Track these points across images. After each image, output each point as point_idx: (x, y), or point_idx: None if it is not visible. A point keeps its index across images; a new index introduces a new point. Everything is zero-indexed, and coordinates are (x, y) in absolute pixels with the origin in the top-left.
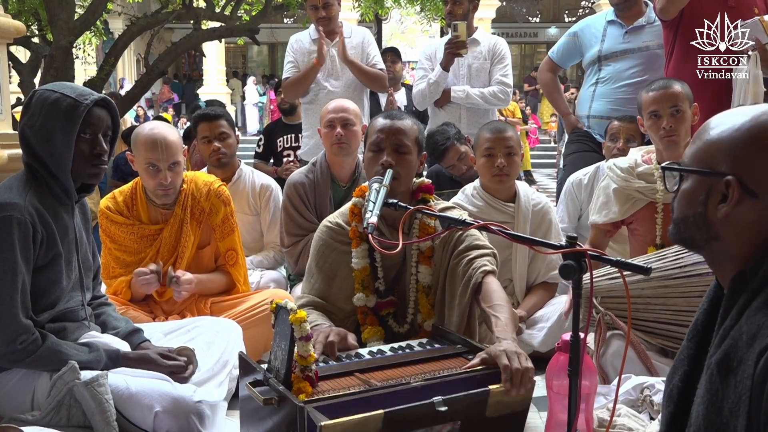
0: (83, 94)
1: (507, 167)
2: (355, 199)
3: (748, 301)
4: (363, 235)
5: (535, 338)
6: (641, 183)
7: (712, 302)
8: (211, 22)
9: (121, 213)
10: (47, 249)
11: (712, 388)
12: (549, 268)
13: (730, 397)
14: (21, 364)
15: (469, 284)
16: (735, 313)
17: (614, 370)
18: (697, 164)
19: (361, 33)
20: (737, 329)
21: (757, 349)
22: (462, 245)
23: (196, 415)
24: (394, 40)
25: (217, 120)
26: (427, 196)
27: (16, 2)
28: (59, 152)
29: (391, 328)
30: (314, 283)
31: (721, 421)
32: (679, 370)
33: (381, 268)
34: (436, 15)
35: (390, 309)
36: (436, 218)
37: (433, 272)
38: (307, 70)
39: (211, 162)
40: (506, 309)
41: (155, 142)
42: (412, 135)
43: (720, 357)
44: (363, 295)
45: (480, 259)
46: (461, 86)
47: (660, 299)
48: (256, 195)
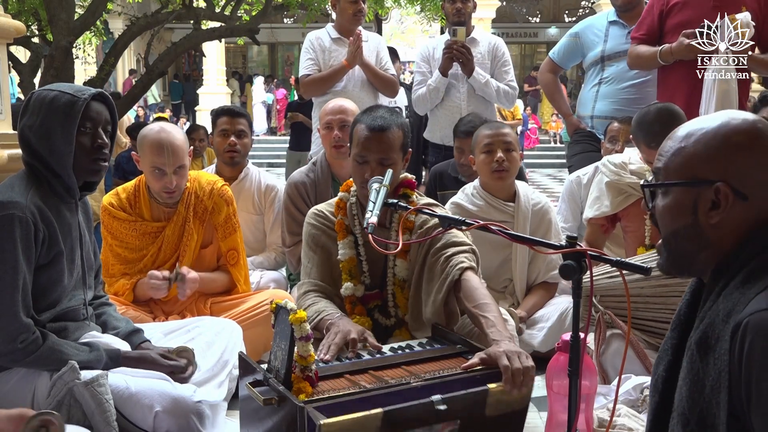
0: (80, 90)
1: (506, 162)
2: (342, 193)
3: (726, 283)
4: (348, 228)
5: (535, 338)
6: (633, 179)
7: (694, 293)
8: (211, 22)
9: (124, 209)
10: (49, 248)
11: (693, 368)
12: (549, 268)
13: (711, 375)
14: (21, 364)
15: (446, 281)
16: (714, 296)
17: (614, 370)
18: (678, 177)
19: (376, 38)
20: (714, 309)
21: (732, 324)
22: (439, 242)
23: (196, 415)
24: (394, 40)
25: (239, 117)
26: (408, 191)
27: (16, 2)
28: (60, 149)
29: (378, 321)
30: (312, 267)
31: (704, 400)
32: (663, 360)
33: (366, 261)
34: (436, 15)
35: (377, 302)
36: (417, 213)
37: (408, 266)
38: (336, 70)
39: (224, 158)
40: (492, 307)
41: (162, 146)
42: (396, 144)
43: (699, 336)
44: (351, 284)
45: (457, 256)
46: (486, 73)
47: (659, 298)
48: (261, 195)
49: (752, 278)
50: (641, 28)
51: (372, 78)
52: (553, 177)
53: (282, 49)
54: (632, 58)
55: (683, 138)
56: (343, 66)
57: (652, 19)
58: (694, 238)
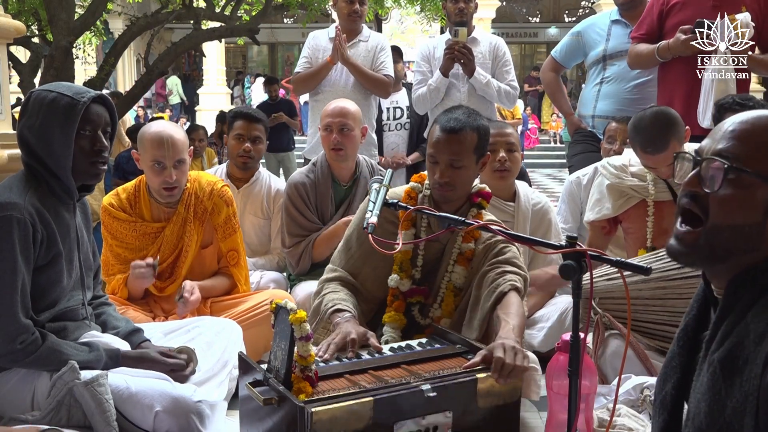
0: (80, 92)
1: (508, 162)
2: (414, 183)
3: (754, 299)
4: (413, 220)
5: (535, 338)
6: (634, 181)
7: (701, 307)
8: (211, 22)
9: (124, 210)
10: (47, 248)
11: (715, 387)
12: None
13: (735, 397)
14: (21, 364)
15: (495, 291)
16: (739, 311)
17: (613, 371)
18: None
19: (377, 39)
20: (743, 327)
21: (765, 349)
22: (502, 256)
23: (196, 415)
24: (394, 40)
25: (256, 123)
26: (483, 202)
27: (16, 2)
28: (59, 151)
29: (414, 318)
30: (350, 256)
31: (725, 421)
32: (671, 378)
33: (422, 257)
34: (436, 15)
35: (420, 298)
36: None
37: (468, 275)
38: (320, 66)
39: (237, 161)
40: (519, 319)
41: (162, 139)
42: (469, 147)
43: (724, 355)
44: (398, 277)
45: (513, 275)
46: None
47: (658, 300)
48: (270, 199)
49: None
50: (641, 28)
51: (359, 77)
52: (553, 177)
53: (282, 49)
54: (632, 57)
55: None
56: (326, 63)
57: (651, 19)
58: (751, 238)
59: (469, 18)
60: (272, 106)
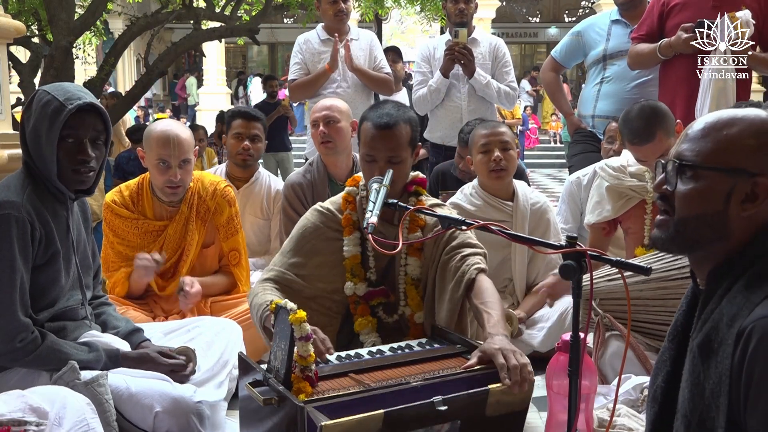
0: (71, 99)
1: (504, 161)
2: (349, 188)
3: (729, 286)
4: (356, 224)
5: (535, 338)
6: (633, 181)
7: (690, 303)
8: (211, 22)
9: (127, 207)
10: (46, 247)
11: (695, 372)
12: (548, 268)
13: (711, 378)
14: (20, 363)
15: (463, 279)
16: (716, 298)
17: (613, 372)
18: (716, 162)
19: (367, 36)
20: (718, 312)
21: (736, 329)
22: (455, 241)
23: (196, 415)
24: (394, 40)
25: (254, 121)
26: (419, 189)
27: (16, 2)
28: (44, 155)
29: (381, 319)
30: (288, 258)
31: (704, 403)
32: (662, 371)
33: (372, 258)
34: (436, 15)
35: (381, 299)
36: (417, 212)
37: (422, 264)
38: (319, 74)
39: (236, 160)
40: (498, 306)
41: (168, 138)
42: (404, 141)
43: (701, 340)
44: (352, 283)
45: (473, 257)
46: (487, 74)
47: (659, 301)
48: (270, 200)
49: (757, 282)
50: (641, 29)
51: (366, 81)
52: (552, 177)
53: (282, 49)
54: (632, 57)
55: (725, 124)
56: (325, 70)
57: (651, 20)
58: (717, 226)
59: (470, 19)
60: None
